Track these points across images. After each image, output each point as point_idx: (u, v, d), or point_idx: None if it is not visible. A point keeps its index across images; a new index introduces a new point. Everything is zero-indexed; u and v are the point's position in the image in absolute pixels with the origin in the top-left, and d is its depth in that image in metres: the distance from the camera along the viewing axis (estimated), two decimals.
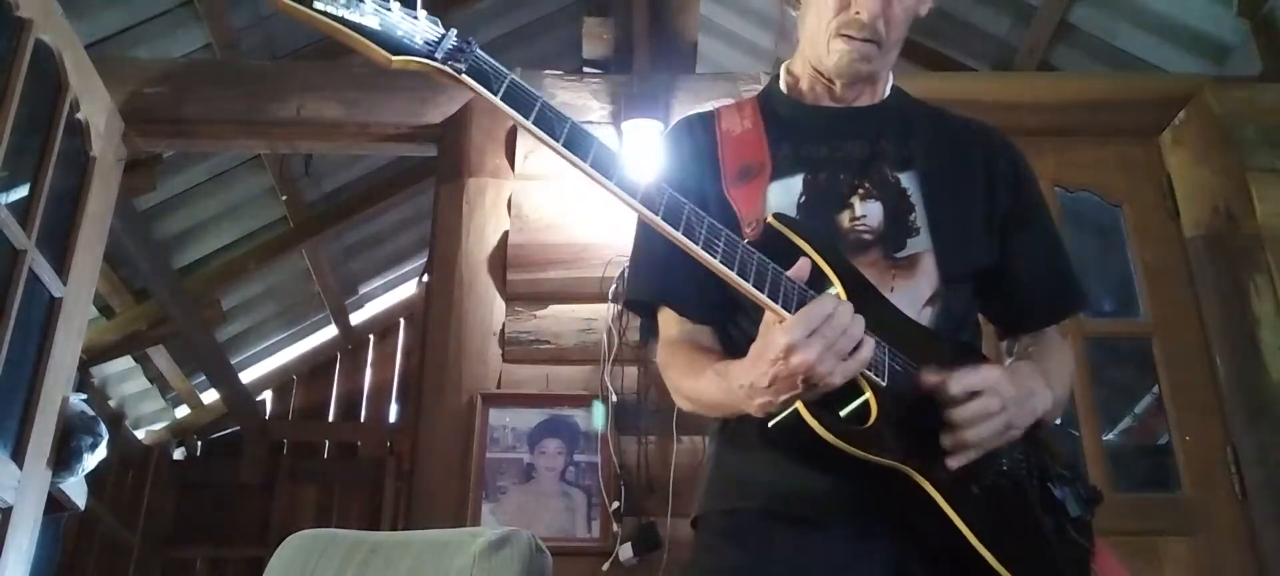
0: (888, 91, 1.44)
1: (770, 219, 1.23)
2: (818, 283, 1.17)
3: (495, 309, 2.84)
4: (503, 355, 2.81)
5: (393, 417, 6.75)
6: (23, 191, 2.64)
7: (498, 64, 1.07)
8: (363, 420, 6.79)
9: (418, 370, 2.93)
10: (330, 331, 6.49)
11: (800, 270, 1.16)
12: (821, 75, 1.41)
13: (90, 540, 5.34)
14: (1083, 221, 3.23)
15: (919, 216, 1.33)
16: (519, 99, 1.06)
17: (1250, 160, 2.92)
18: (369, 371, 6.86)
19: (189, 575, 6.15)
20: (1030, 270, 1.41)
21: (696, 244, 1.10)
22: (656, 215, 1.09)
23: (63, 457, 2.74)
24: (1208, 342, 2.79)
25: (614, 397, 2.72)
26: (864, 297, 1.18)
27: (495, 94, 1.05)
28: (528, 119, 1.06)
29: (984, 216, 1.38)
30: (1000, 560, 1.12)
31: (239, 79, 3.18)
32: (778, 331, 1.08)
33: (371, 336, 6.87)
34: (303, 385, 6.81)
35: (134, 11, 3.41)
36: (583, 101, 3.11)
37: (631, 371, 2.76)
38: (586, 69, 3.27)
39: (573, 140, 1.08)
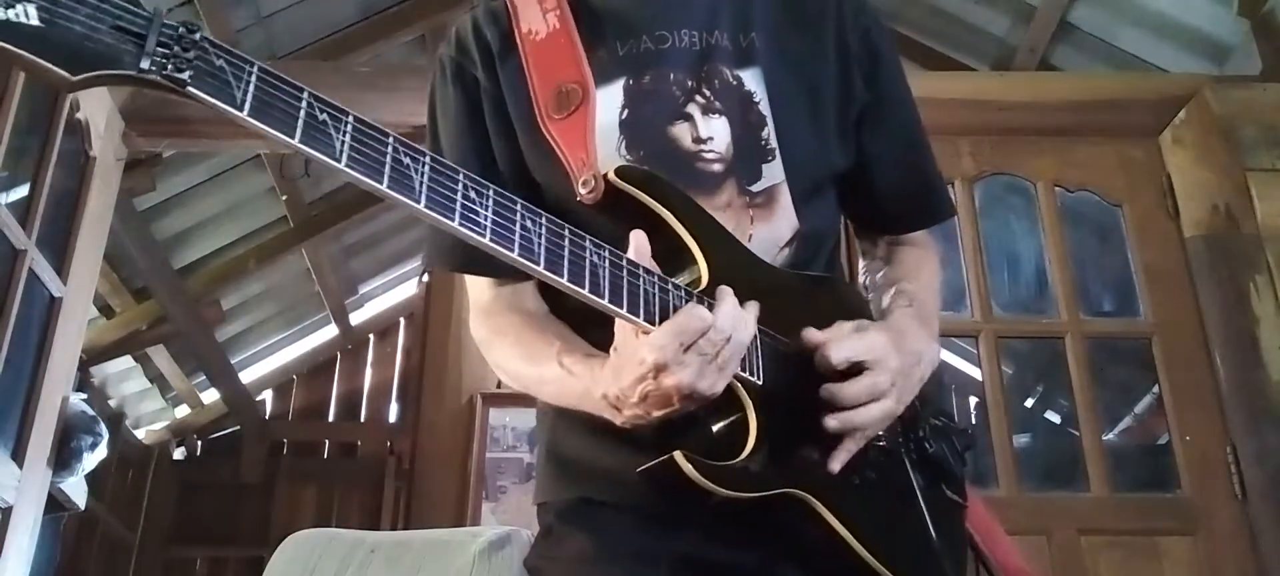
0: None
1: (612, 176, 0.97)
2: (677, 247, 0.97)
3: None
4: None
5: (393, 417, 6.74)
6: (23, 191, 2.64)
7: (241, 56, 0.73)
8: (363, 420, 6.79)
9: (418, 370, 2.94)
10: (330, 331, 6.48)
11: (641, 246, 0.92)
12: None
13: (90, 540, 5.34)
14: (1083, 221, 3.23)
15: (771, 133, 1.09)
16: (273, 105, 0.73)
17: (1250, 160, 2.93)
18: (369, 371, 6.85)
19: (189, 575, 6.15)
20: (887, 177, 1.19)
21: (535, 262, 0.84)
22: (484, 235, 0.82)
23: (63, 457, 2.74)
24: (1208, 342, 2.79)
25: None
26: (732, 267, 0.98)
27: (239, 109, 0.71)
28: (293, 137, 0.73)
29: (839, 112, 1.15)
30: (885, 561, 0.99)
31: None
32: (643, 345, 0.88)
33: (371, 336, 6.87)
34: (303, 385, 6.80)
35: None
36: None
37: None
38: None
39: (356, 151, 0.77)
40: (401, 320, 6.88)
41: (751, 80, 1.11)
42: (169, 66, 0.69)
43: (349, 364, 6.85)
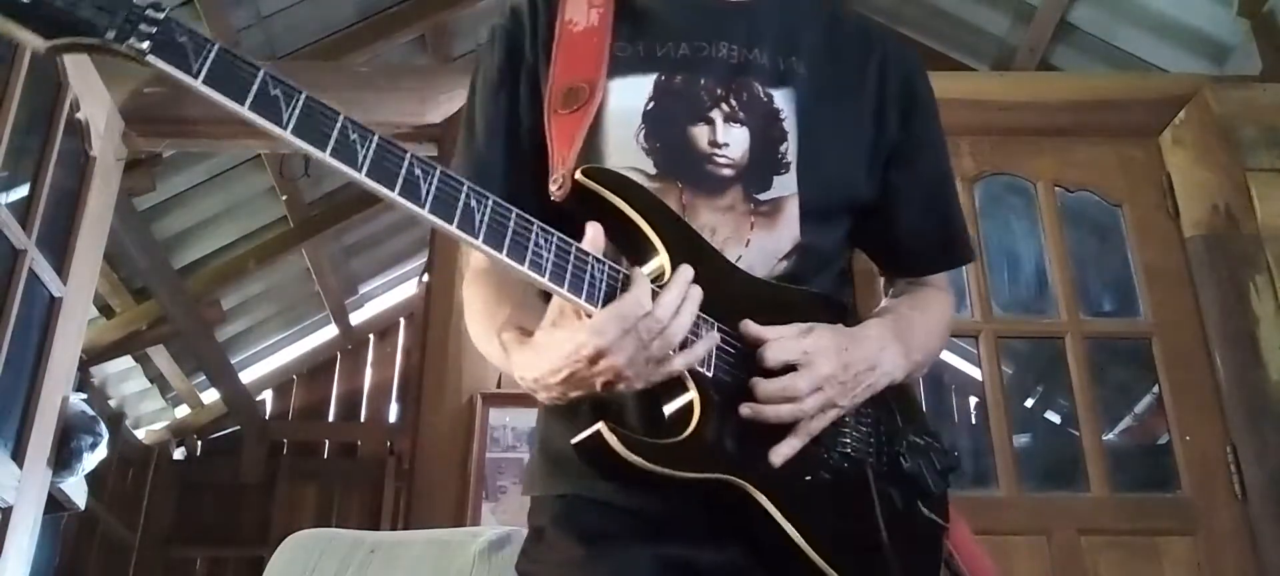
0: None
1: (579, 175, 1.00)
2: (642, 248, 1.00)
3: None
4: None
5: (393, 417, 6.75)
6: (23, 191, 2.64)
7: (200, 34, 0.81)
8: (363, 420, 6.79)
9: (418, 370, 2.93)
10: (330, 331, 6.49)
11: (595, 238, 0.95)
12: None
13: (90, 540, 5.34)
14: (1083, 221, 3.23)
15: (790, 148, 1.12)
16: (229, 79, 0.81)
17: (1250, 160, 2.92)
18: (369, 371, 6.86)
19: (189, 575, 6.16)
20: (911, 216, 1.22)
21: (474, 236, 0.89)
22: (423, 206, 0.87)
23: (63, 457, 2.74)
24: (1208, 342, 2.79)
25: None
26: (697, 264, 0.99)
27: (195, 77, 0.79)
28: (243, 105, 0.81)
29: (869, 147, 1.18)
30: (832, 562, 1.00)
31: None
32: (582, 329, 0.91)
33: (371, 336, 6.88)
34: (303, 385, 6.81)
35: None
36: None
37: None
38: None
39: (303, 123, 0.83)
40: (401, 320, 6.89)
41: (782, 99, 1.14)
42: (130, 38, 0.78)
43: (349, 364, 6.85)
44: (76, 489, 2.93)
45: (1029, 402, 4.31)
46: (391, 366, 6.87)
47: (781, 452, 1.00)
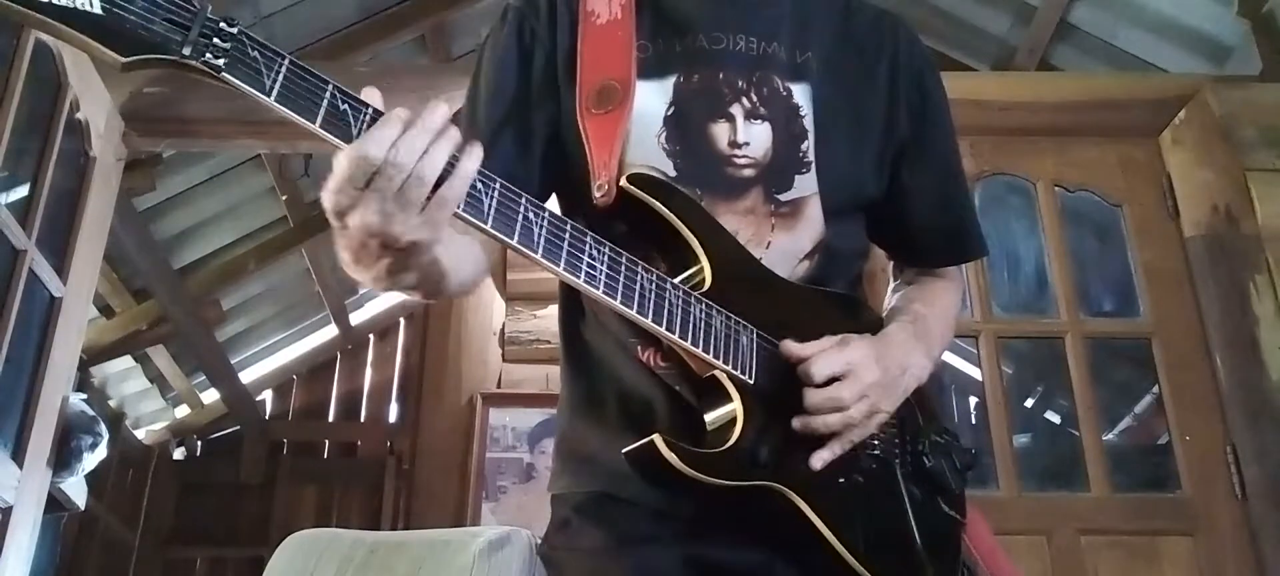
0: None
1: (624, 183, 1.02)
2: (682, 255, 1.03)
3: (495, 309, 2.85)
4: (503, 355, 2.82)
5: (393, 417, 6.74)
6: (23, 191, 2.64)
7: (273, 49, 0.80)
8: (363, 420, 6.78)
9: (418, 370, 2.94)
10: (330, 331, 6.48)
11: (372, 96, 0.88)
12: None
13: (90, 540, 5.34)
14: (1083, 221, 3.23)
15: (810, 146, 1.11)
16: (299, 95, 0.80)
17: (1250, 160, 2.93)
18: (369, 371, 6.84)
19: (189, 575, 6.15)
20: (923, 211, 1.22)
21: (536, 253, 0.90)
22: (485, 223, 0.88)
23: (63, 457, 2.74)
24: (1208, 342, 2.79)
25: None
26: (738, 275, 1.04)
27: (267, 94, 0.78)
28: (314, 122, 0.80)
29: (879, 142, 1.18)
30: (864, 562, 1.02)
31: None
32: (325, 188, 0.85)
33: (371, 336, 6.86)
34: (303, 385, 6.80)
35: None
36: None
37: None
38: None
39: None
40: (401, 320, 6.87)
41: (800, 94, 1.14)
42: (207, 54, 0.76)
43: (349, 364, 6.84)
44: (76, 489, 2.93)
45: (1029, 402, 4.31)
46: (391, 366, 6.85)
47: (821, 458, 1.01)
